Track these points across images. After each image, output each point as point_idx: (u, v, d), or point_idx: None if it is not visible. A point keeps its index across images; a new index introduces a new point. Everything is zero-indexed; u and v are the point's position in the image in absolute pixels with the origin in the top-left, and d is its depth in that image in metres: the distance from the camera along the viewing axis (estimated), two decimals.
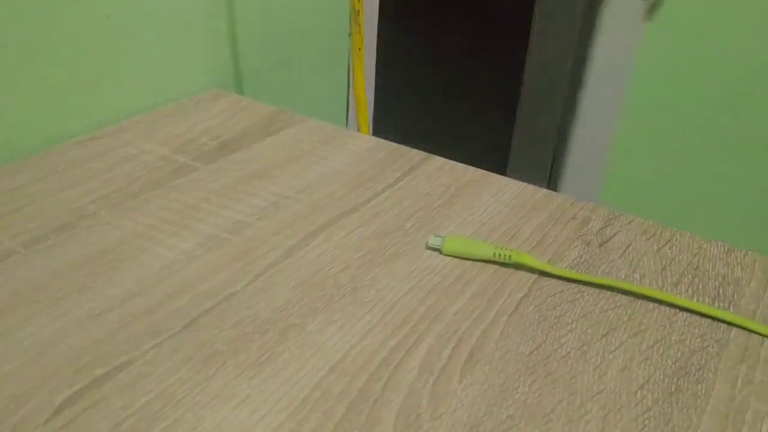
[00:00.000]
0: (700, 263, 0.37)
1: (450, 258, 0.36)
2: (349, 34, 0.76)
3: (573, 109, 1.19)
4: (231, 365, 0.29)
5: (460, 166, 0.46)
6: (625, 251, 0.38)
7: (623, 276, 0.36)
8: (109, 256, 0.35)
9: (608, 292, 0.35)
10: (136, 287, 0.33)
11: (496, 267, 0.36)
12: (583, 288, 0.35)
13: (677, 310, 0.34)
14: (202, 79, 0.58)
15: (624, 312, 0.33)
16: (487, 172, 0.45)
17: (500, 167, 1.28)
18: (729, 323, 0.33)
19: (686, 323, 0.33)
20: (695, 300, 0.34)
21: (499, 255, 0.35)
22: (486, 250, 0.36)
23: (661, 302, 0.34)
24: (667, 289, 0.35)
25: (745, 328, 0.33)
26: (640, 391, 0.29)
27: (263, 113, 0.52)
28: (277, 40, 0.67)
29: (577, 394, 0.28)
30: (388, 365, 0.29)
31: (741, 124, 0.92)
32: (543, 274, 0.36)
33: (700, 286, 0.35)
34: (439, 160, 0.46)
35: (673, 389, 0.29)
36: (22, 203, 0.39)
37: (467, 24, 2.31)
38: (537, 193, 0.43)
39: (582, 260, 0.37)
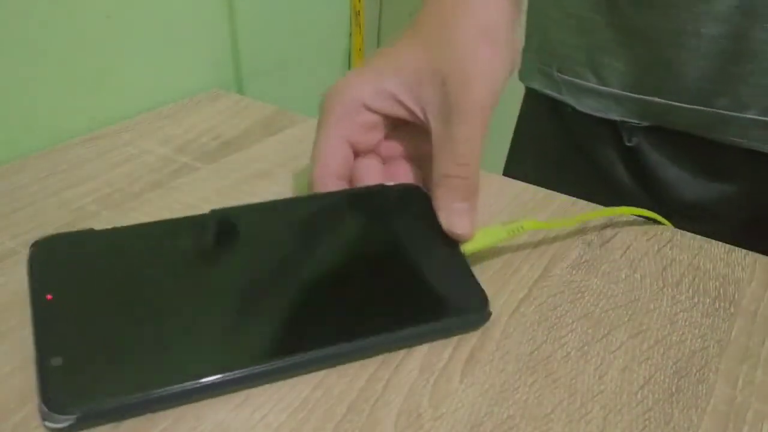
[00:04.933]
0: (701, 263, 0.37)
1: None
2: (350, 35, 0.76)
3: None
4: None
5: None
6: (625, 251, 0.38)
7: (624, 276, 0.36)
8: None
9: (609, 292, 0.35)
10: None
11: (496, 268, 0.36)
12: (583, 288, 0.35)
13: (678, 311, 0.34)
14: (202, 79, 0.58)
15: (624, 312, 0.33)
16: (487, 172, 0.45)
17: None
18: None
19: (687, 323, 0.33)
20: (695, 300, 0.34)
21: (513, 231, 0.35)
22: (500, 233, 0.35)
23: None
24: (667, 289, 0.35)
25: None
26: (640, 392, 0.29)
27: (264, 113, 0.52)
28: (278, 40, 0.67)
29: (577, 394, 0.28)
30: (389, 365, 0.29)
31: None
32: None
33: (701, 287, 0.35)
34: None
35: (673, 389, 0.29)
36: (23, 203, 0.39)
37: None
38: (538, 193, 0.43)
39: (583, 260, 0.37)
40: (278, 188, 0.42)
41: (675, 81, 0.45)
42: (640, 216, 0.40)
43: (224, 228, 0.32)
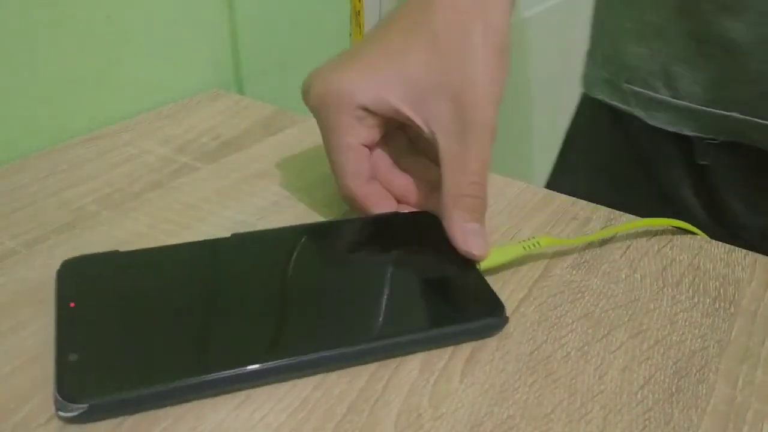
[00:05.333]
0: (701, 263, 0.37)
1: None
2: (350, 35, 0.76)
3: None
4: None
5: None
6: (625, 251, 0.38)
7: (623, 276, 0.36)
8: None
9: (609, 292, 0.35)
10: None
11: (496, 268, 0.36)
12: (583, 288, 0.35)
13: (678, 311, 0.34)
14: (202, 79, 0.58)
15: (624, 312, 0.33)
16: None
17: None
18: None
19: (687, 324, 0.33)
20: (695, 300, 0.34)
21: (529, 247, 0.35)
22: (517, 250, 0.35)
23: None
24: (667, 289, 0.35)
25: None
26: (640, 392, 0.29)
27: (264, 113, 0.52)
28: (278, 40, 0.67)
29: (577, 394, 0.28)
30: (389, 365, 0.29)
31: None
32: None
33: (701, 287, 0.35)
34: None
35: (673, 389, 0.29)
36: (23, 203, 0.39)
37: None
38: (538, 193, 0.43)
39: (583, 260, 0.37)
40: (278, 188, 0.42)
41: (761, 95, 0.43)
42: (672, 227, 0.40)
43: (242, 250, 0.33)
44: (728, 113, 0.45)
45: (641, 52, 0.48)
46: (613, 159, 0.53)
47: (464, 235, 0.34)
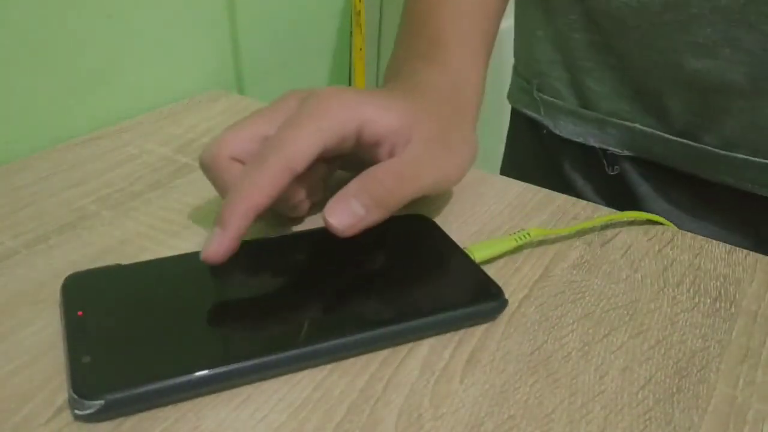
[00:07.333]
0: (702, 264, 0.37)
1: None
2: (350, 35, 0.76)
3: None
4: None
5: None
6: (626, 252, 0.38)
7: (624, 276, 0.36)
8: (110, 256, 0.35)
9: (610, 293, 0.35)
10: None
11: (497, 268, 0.36)
12: (584, 288, 0.35)
13: (679, 311, 0.34)
14: (202, 79, 0.58)
15: (625, 312, 0.33)
16: (487, 173, 0.45)
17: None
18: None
19: (687, 324, 0.33)
20: (696, 300, 0.34)
21: (520, 239, 0.37)
22: (509, 242, 0.36)
23: None
24: (668, 289, 0.35)
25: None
26: (641, 392, 0.29)
27: None
28: (279, 40, 0.67)
29: (578, 394, 0.28)
30: (390, 365, 0.29)
31: None
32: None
33: (702, 287, 0.35)
34: None
35: (674, 390, 0.29)
36: (24, 203, 0.39)
37: None
38: (538, 193, 0.43)
39: (583, 260, 0.37)
40: None
41: (662, 111, 0.43)
42: (646, 220, 0.40)
43: (241, 256, 0.34)
44: (632, 125, 0.45)
45: (552, 59, 0.49)
46: (535, 170, 0.53)
47: (337, 202, 0.31)
